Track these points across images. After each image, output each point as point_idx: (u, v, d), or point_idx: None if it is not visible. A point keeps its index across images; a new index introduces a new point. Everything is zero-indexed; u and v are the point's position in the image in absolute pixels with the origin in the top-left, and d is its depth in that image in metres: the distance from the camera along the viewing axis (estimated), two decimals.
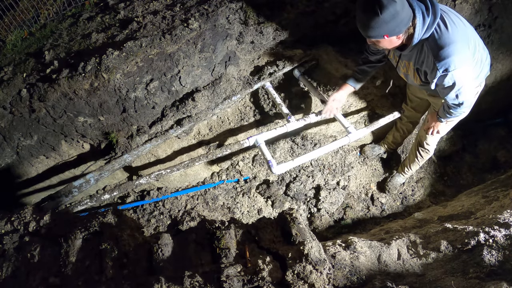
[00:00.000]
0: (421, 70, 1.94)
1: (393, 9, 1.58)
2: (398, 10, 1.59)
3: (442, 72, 1.74)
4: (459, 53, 1.70)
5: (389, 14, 1.59)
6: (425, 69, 1.89)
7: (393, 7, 1.58)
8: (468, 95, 1.86)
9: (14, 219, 1.64)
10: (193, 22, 2.13)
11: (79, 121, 2.18)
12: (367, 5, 1.62)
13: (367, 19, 1.65)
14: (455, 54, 1.69)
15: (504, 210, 1.93)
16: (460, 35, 1.72)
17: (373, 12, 1.60)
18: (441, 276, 1.54)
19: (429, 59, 1.81)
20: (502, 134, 3.46)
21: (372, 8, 1.60)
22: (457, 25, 1.73)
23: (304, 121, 2.43)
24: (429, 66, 1.83)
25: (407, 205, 3.19)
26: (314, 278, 1.33)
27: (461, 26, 1.76)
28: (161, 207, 2.90)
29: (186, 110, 2.29)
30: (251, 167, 3.11)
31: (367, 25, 1.67)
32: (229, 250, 1.47)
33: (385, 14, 1.59)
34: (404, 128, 2.95)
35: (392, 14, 1.59)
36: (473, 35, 1.83)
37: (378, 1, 1.57)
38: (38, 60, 2.22)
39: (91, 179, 2.16)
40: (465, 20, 1.84)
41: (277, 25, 2.31)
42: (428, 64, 1.84)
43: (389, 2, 1.57)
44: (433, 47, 1.74)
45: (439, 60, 1.72)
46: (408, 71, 2.08)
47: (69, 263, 1.45)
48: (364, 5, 1.65)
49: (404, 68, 2.10)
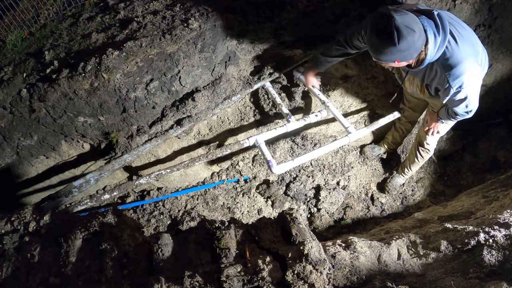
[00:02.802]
0: (431, 86, 1.90)
1: (411, 39, 1.47)
2: (415, 40, 1.49)
3: (456, 90, 1.73)
4: (470, 69, 1.67)
5: (406, 44, 1.48)
6: (436, 86, 1.86)
7: (411, 37, 1.47)
8: (476, 102, 1.87)
9: (14, 219, 1.63)
10: (193, 22, 2.13)
11: (79, 121, 2.18)
12: (384, 32, 1.49)
13: (381, 45, 1.53)
14: (467, 71, 1.67)
15: (504, 210, 1.93)
16: (469, 48, 1.69)
17: (389, 40, 1.48)
18: (441, 276, 1.54)
19: (441, 77, 1.76)
20: (502, 134, 3.46)
21: (389, 36, 1.47)
22: (464, 36, 1.69)
23: (304, 121, 2.43)
24: (441, 83, 1.79)
25: (407, 205, 3.19)
26: (314, 278, 1.33)
27: (466, 36, 1.72)
28: (161, 207, 2.90)
29: (186, 110, 2.29)
30: (251, 167, 3.11)
31: (379, 50, 1.56)
32: (229, 250, 1.47)
33: (402, 45, 1.48)
34: (403, 128, 2.96)
35: (409, 45, 1.49)
36: (475, 40, 1.81)
37: (397, 29, 1.44)
38: (38, 60, 2.21)
39: (91, 179, 2.16)
40: (465, 24, 1.83)
41: (277, 25, 2.31)
42: (440, 81, 1.80)
43: (409, 33, 1.45)
44: (445, 66, 1.69)
45: (453, 79, 1.68)
46: (415, 85, 2.06)
47: (69, 263, 1.45)
48: (379, 30, 1.51)
49: (411, 83, 2.08)
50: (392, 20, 1.45)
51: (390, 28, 1.45)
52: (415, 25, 1.48)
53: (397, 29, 1.44)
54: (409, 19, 1.48)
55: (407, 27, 1.45)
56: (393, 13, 1.46)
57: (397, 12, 1.48)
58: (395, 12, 1.47)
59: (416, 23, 1.49)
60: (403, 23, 1.45)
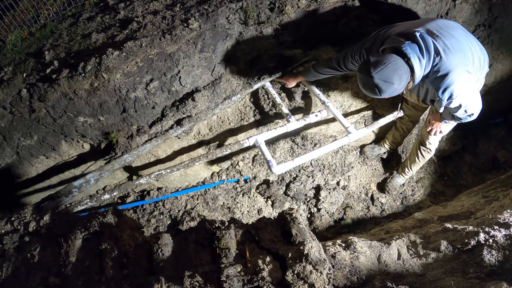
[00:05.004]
0: (427, 100, 2.04)
1: (391, 89, 1.69)
2: (395, 88, 1.69)
3: (447, 101, 1.79)
4: (458, 79, 1.72)
5: (388, 93, 1.70)
6: (431, 99, 2.00)
7: (390, 89, 1.68)
8: (476, 105, 1.88)
9: (14, 219, 1.64)
10: (193, 22, 2.13)
11: (79, 121, 2.18)
12: (367, 86, 1.73)
13: (368, 93, 1.78)
14: (455, 82, 1.72)
15: (504, 210, 1.94)
16: (456, 58, 1.73)
17: (373, 92, 1.72)
18: (441, 276, 1.54)
19: (431, 91, 1.90)
20: (502, 134, 3.46)
21: (372, 90, 1.71)
22: (450, 47, 1.73)
23: (304, 121, 2.43)
24: (433, 96, 1.91)
25: (407, 205, 3.19)
26: (314, 278, 1.33)
27: (456, 45, 1.75)
28: (161, 207, 2.90)
29: (186, 110, 2.29)
30: (251, 167, 3.11)
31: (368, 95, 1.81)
32: (229, 250, 1.47)
33: (384, 94, 1.71)
34: (404, 128, 2.95)
35: (391, 92, 1.71)
36: (468, 46, 1.81)
37: (377, 86, 1.67)
38: (38, 60, 2.21)
39: (91, 179, 2.16)
40: (460, 30, 1.83)
41: (277, 25, 2.31)
42: (431, 95, 1.94)
43: (388, 86, 1.67)
44: (433, 81, 1.78)
45: (442, 92, 1.76)
46: (413, 98, 2.21)
47: (69, 263, 1.45)
48: (363, 84, 1.75)
49: (410, 96, 2.23)
50: (371, 79, 1.67)
51: (370, 85, 1.70)
52: (393, 75, 1.65)
53: (376, 86, 1.68)
54: (388, 72, 1.65)
55: (385, 81, 1.66)
56: (372, 70, 1.66)
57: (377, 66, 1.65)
58: (375, 68, 1.65)
59: (395, 72, 1.65)
60: (381, 79, 1.66)
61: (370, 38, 1.94)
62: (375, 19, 2.41)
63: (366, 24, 2.42)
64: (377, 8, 2.33)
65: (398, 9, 2.34)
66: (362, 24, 2.42)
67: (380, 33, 1.90)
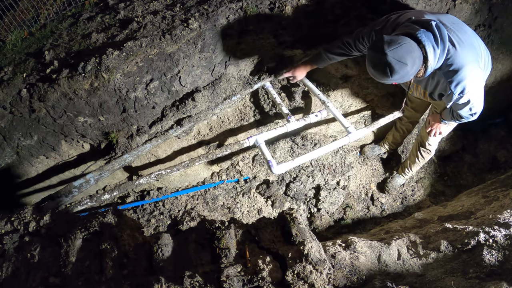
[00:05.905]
0: (434, 94, 1.96)
1: (403, 71, 1.58)
2: (408, 71, 1.58)
3: (458, 95, 1.76)
4: (471, 74, 1.70)
5: (399, 75, 1.59)
6: (440, 92, 1.92)
7: (403, 70, 1.57)
8: (480, 104, 1.88)
9: (14, 219, 1.63)
10: (193, 22, 2.13)
11: (79, 121, 2.18)
12: (378, 66, 1.61)
13: (377, 75, 1.66)
14: (468, 77, 1.69)
15: (504, 210, 1.94)
16: (470, 53, 1.71)
17: (383, 73, 1.60)
18: (441, 276, 1.54)
19: (443, 84, 1.82)
20: (502, 134, 3.46)
21: (383, 70, 1.59)
22: (465, 42, 1.70)
23: (304, 121, 2.43)
24: (444, 89, 1.85)
25: (407, 205, 3.19)
26: (314, 278, 1.33)
27: (468, 40, 1.73)
28: (161, 207, 2.90)
29: (186, 110, 2.29)
30: (251, 167, 3.11)
31: (376, 77, 1.68)
32: (229, 250, 1.47)
33: (394, 76, 1.59)
34: (404, 128, 2.95)
35: (402, 75, 1.59)
36: (478, 43, 1.81)
37: (389, 65, 1.55)
38: (38, 60, 2.21)
39: (91, 179, 2.16)
40: (467, 27, 1.83)
41: (277, 25, 2.31)
42: (442, 88, 1.86)
43: (401, 67, 1.55)
44: (446, 73, 1.73)
45: (455, 85, 1.72)
46: (419, 92, 2.13)
47: (69, 263, 1.45)
48: (374, 64, 1.62)
49: (415, 90, 2.15)
50: (384, 56, 1.54)
51: (382, 64, 1.57)
52: (408, 56, 1.54)
53: (389, 65, 1.55)
54: (402, 52, 1.54)
55: (399, 61, 1.54)
56: (386, 47, 1.54)
57: (391, 44, 1.54)
58: (388, 46, 1.54)
59: (409, 54, 1.55)
60: (395, 58, 1.53)
61: (381, 21, 1.88)
62: (375, 19, 2.40)
63: (366, 24, 2.41)
64: (377, 8, 2.33)
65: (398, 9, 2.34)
66: (362, 24, 2.42)
67: (391, 18, 1.84)
